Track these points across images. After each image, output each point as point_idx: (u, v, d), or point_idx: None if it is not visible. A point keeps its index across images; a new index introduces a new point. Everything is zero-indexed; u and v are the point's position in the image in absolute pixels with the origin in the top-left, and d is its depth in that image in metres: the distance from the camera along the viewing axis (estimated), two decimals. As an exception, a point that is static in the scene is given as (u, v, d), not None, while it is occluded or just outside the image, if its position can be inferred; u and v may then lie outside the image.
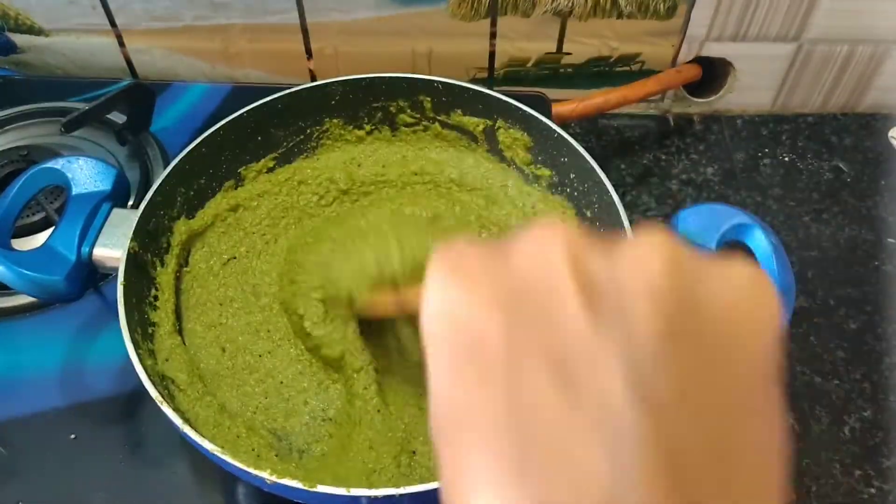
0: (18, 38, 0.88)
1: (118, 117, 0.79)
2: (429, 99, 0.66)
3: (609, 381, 0.21)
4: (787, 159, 0.86)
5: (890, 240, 0.79)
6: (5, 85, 0.87)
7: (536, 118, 0.63)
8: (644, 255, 0.22)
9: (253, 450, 0.53)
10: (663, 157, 0.87)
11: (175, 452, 0.60)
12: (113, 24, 0.85)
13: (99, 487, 0.58)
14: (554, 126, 0.62)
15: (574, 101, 0.81)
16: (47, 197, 0.72)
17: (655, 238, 0.23)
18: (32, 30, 0.86)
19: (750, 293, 0.23)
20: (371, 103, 0.67)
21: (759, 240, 0.53)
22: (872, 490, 0.63)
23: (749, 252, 0.54)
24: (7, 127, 0.81)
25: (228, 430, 0.54)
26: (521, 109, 0.63)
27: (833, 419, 0.67)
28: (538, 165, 0.65)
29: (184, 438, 0.60)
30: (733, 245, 0.68)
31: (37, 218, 0.71)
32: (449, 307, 0.24)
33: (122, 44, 0.87)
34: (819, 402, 0.68)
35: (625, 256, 0.23)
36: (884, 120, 0.90)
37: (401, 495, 0.44)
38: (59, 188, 0.72)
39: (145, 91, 0.78)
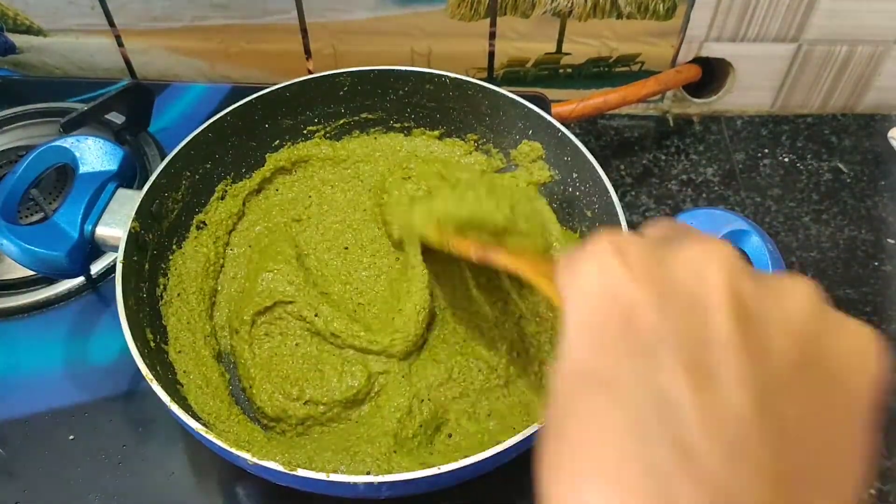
0: (17, 39, 0.88)
1: (117, 117, 0.79)
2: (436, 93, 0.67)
3: (741, 394, 0.24)
4: (786, 160, 0.86)
5: (889, 240, 0.79)
6: (5, 85, 0.87)
7: (541, 116, 0.63)
8: (793, 296, 0.26)
9: (244, 432, 0.53)
10: (663, 157, 0.87)
11: (174, 453, 0.60)
12: (112, 24, 0.85)
13: (98, 488, 0.58)
14: (558, 124, 0.62)
15: (573, 102, 0.81)
16: (46, 197, 0.72)
17: (803, 284, 0.27)
18: (31, 30, 0.86)
19: (865, 349, 0.27)
20: (380, 95, 0.67)
21: (756, 246, 0.53)
22: (872, 491, 0.63)
23: (747, 256, 0.54)
24: (7, 127, 0.81)
25: (229, 416, 0.54)
26: (525, 107, 0.63)
27: (832, 420, 0.67)
28: (541, 163, 0.66)
29: (184, 438, 0.60)
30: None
31: (36, 218, 0.71)
32: (611, 283, 0.27)
33: (120, 44, 0.87)
34: (818, 403, 0.68)
35: (775, 291, 0.26)
36: (883, 120, 0.90)
37: (380, 483, 0.44)
38: (59, 188, 0.72)
39: (144, 91, 0.78)
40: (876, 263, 0.77)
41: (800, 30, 0.82)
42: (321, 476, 0.44)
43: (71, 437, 0.60)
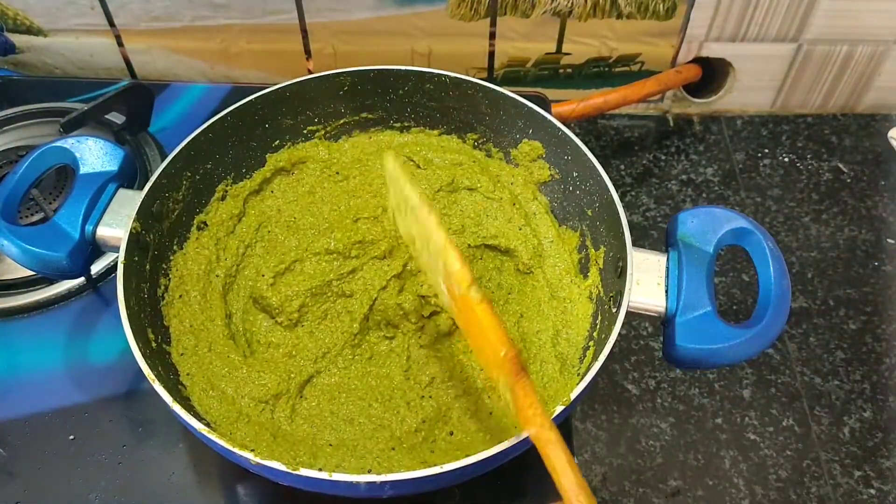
0: (17, 39, 0.88)
1: (117, 117, 0.78)
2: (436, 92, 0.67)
3: None
4: (786, 160, 0.87)
5: (889, 240, 0.79)
6: (5, 85, 0.87)
7: (541, 115, 0.63)
8: None
9: (251, 432, 0.53)
10: (663, 157, 0.87)
11: (174, 453, 0.60)
12: (112, 24, 0.85)
13: (98, 488, 0.58)
14: (558, 124, 0.62)
15: (573, 102, 0.81)
16: (46, 197, 0.72)
17: None
18: (31, 30, 0.86)
19: None
20: (380, 95, 0.68)
21: (757, 245, 0.53)
22: (872, 491, 0.63)
23: (747, 255, 0.54)
24: (7, 127, 0.81)
25: (237, 417, 0.54)
26: (526, 106, 0.64)
27: (833, 419, 0.67)
28: (541, 162, 0.66)
29: (184, 438, 0.60)
30: (731, 248, 0.68)
31: (35, 218, 0.70)
32: None
33: (120, 44, 0.87)
34: (819, 403, 0.68)
35: None
36: (883, 120, 0.90)
37: (382, 482, 0.44)
38: (59, 188, 0.72)
39: (144, 91, 0.78)
40: (876, 263, 0.77)
41: (800, 30, 0.82)
42: (323, 475, 0.44)
43: (71, 437, 0.60)
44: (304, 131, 0.68)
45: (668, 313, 0.52)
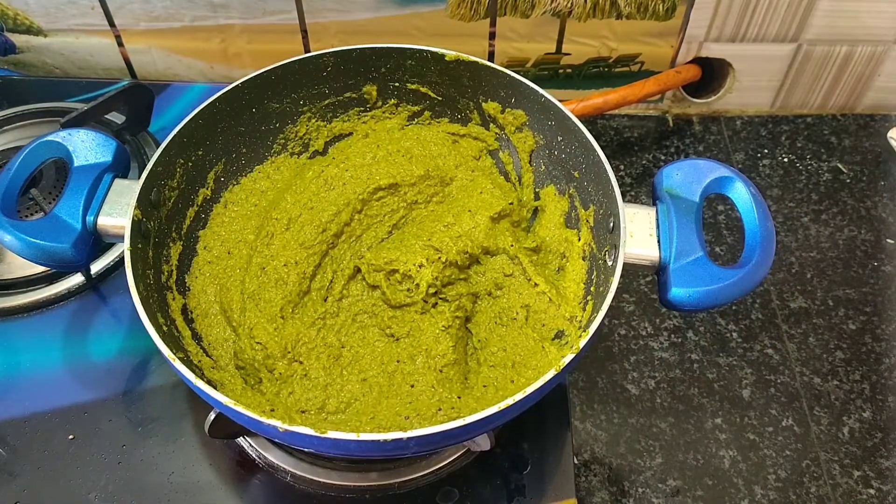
0: (17, 39, 0.88)
1: (117, 117, 0.79)
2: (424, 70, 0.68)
3: None
4: (786, 160, 0.87)
5: (889, 240, 0.79)
6: (5, 85, 0.87)
7: (522, 83, 0.64)
8: None
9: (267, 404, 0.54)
10: (662, 157, 0.87)
11: (174, 453, 0.60)
12: (112, 24, 0.85)
13: (98, 488, 0.58)
14: (539, 89, 0.63)
15: (573, 102, 0.81)
16: (46, 197, 0.72)
17: None
18: (31, 30, 0.86)
19: None
20: (363, 74, 0.68)
21: (740, 191, 0.56)
22: (871, 491, 0.63)
23: (731, 203, 0.56)
24: (7, 127, 0.81)
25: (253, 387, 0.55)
26: (507, 76, 0.65)
27: (832, 420, 0.67)
28: (526, 130, 0.67)
29: (184, 437, 0.60)
30: (716, 197, 0.68)
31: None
32: None
33: (120, 44, 0.87)
34: (818, 403, 0.68)
35: None
36: (883, 120, 0.91)
37: (408, 438, 0.44)
38: (59, 188, 0.73)
39: (144, 91, 0.78)
40: (875, 263, 0.77)
41: (799, 30, 0.82)
42: (351, 436, 0.45)
43: (71, 437, 0.60)
44: (292, 114, 0.69)
45: (663, 262, 0.54)
